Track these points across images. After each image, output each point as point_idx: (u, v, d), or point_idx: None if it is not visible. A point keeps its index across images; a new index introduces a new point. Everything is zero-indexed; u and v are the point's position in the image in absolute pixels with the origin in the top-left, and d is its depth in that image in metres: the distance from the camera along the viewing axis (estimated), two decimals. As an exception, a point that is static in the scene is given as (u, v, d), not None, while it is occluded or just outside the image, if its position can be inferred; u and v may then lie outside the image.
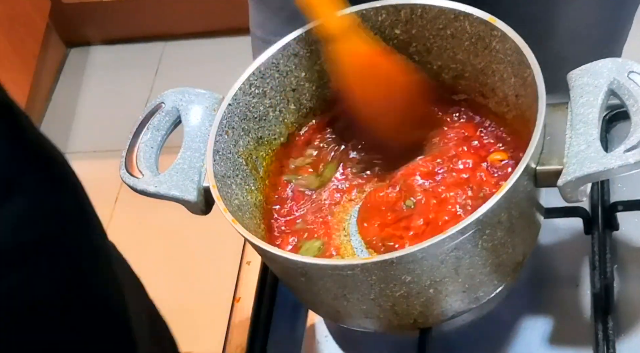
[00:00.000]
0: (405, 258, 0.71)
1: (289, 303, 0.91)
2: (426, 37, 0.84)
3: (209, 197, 0.80)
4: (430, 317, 0.78)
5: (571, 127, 0.75)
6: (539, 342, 0.83)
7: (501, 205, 0.72)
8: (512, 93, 0.81)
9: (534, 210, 0.79)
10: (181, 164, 0.82)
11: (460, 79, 0.85)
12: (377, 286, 0.73)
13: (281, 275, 0.84)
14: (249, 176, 0.84)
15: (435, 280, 0.74)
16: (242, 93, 0.83)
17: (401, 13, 0.83)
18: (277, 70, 0.85)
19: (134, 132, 0.84)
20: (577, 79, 0.76)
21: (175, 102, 0.85)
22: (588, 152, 0.72)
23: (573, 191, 0.73)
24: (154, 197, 0.81)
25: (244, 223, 0.78)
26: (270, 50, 0.84)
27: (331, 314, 0.82)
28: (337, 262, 0.75)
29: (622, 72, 0.75)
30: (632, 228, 0.87)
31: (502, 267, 0.78)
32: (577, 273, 0.85)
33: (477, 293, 0.78)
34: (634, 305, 0.83)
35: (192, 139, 0.83)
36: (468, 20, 0.81)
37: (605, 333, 0.80)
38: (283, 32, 0.85)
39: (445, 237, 0.70)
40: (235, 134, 0.83)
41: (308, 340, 0.90)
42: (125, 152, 0.83)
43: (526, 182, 0.74)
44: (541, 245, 0.86)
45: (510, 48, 0.78)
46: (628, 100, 0.74)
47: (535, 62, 0.76)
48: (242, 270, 0.95)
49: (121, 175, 0.82)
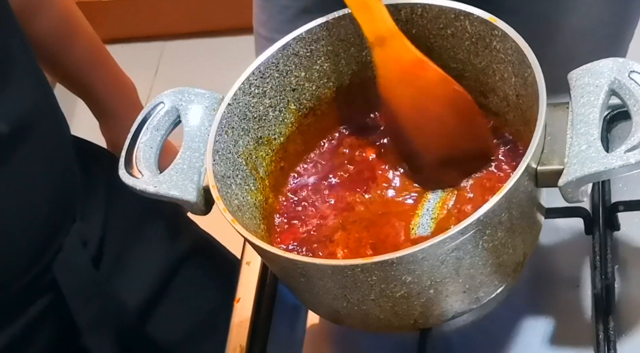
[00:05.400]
0: (406, 259, 0.71)
1: (289, 303, 0.91)
2: (426, 36, 0.84)
3: (209, 197, 0.80)
4: (431, 318, 0.78)
5: (572, 127, 0.75)
6: (540, 342, 0.82)
7: (502, 205, 0.72)
8: (512, 93, 0.80)
9: (534, 210, 0.79)
10: (181, 164, 0.81)
11: (460, 79, 0.85)
12: (377, 286, 0.73)
13: (281, 275, 0.83)
14: (249, 176, 0.84)
15: (436, 280, 0.74)
16: (242, 93, 0.83)
17: (401, 13, 0.83)
18: (277, 70, 0.85)
19: (133, 132, 0.83)
20: (578, 79, 0.76)
21: (175, 102, 0.84)
22: (589, 152, 0.72)
23: (574, 191, 0.73)
24: (153, 197, 0.81)
25: (244, 223, 0.78)
26: (270, 50, 0.84)
27: (331, 314, 0.82)
28: (337, 262, 0.75)
29: (623, 71, 0.75)
30: (633, 228, 0.87)
31: (503, 268, 0.78)
32: (578, 273, 0.85)
33: (477, 293, 0.78)
34: (635, 305, 0.82)
35: (191, 139, 0.83)
36: (468, 19, 0.81)
37: (606, 333, 0.80)
38: (287, 30, 0.85)
39: (446, 237, 0.70)
40: (235, 134, 0.83)
41: (308, 340, 0.90)
42: (124, 152, 0.83)
43: (527, 182, 0.74)
44: (542, 246, 0.86)
45: (511, 48, 0.78)
46: (629, 100, 0.74)
47: (535, 62, 0.76)
48: (242, 270, 0.95)
49: (120, 175, 0.82)
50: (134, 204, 1.08)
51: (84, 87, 1.18)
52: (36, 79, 1.00)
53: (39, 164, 0.97)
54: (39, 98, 0.99)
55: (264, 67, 0.84)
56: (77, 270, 1.00)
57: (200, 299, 1.14)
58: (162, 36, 2.47)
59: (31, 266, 0.96)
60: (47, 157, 0.98)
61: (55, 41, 1.12)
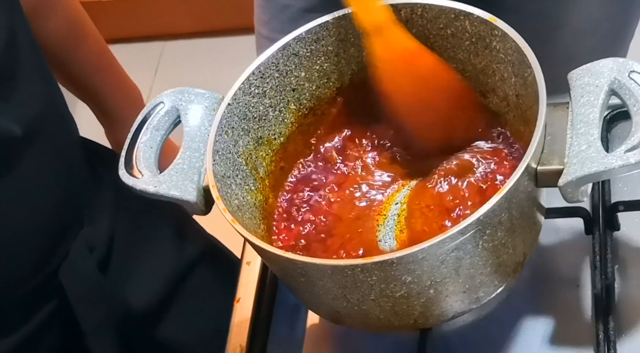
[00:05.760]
0: (406, 259, 0.71)
1: (289, 303, 0.91)
2: (426, 36, 0.84)
3: (209, 197, 0.80)
4: (431, 318, 0.78)
5: (572, 127, 0.75)
6: (540, 342, 0.82)
7: (502, 205, 0.72)
8: (512, 93, 0.80)
9: (534, 210, 0.79)
10: (181, 164, 0.81)
11: (460, 79, 0.85)
12: (377, 286, 0.73)
13: (281, 275, 0.83)
14: (249, 176, 0.84)
15: (436, 280, 0.74)
16: (241, 93, 0.83)
17: (401, 12, 0.83)
18: (277, 70, 0.85)
19: (133, 132, 0.83)
20: (577, 79, 0.76)
21: (175, 102, 0.84)
22: (589, 152, 0.72)
23: (574, 191, 0.73)
24: (153, 197, 0.81)
25: (244, 223, 0.78)
26: (270, 50, 0.84)
27: (331, 314, 0.82)
28: (337, 262, 0.75)
29: (623, 71, 0.75)
30: (633, 228, 0.87)
31: (503, 268, 0.78)
32: (578, 273, 0.85)
33: (477, 293, 0.78)
34: (635, 305, 0.82)
35: (191, 139, 0.83)
36: (468, 19, 0.81)
37: (606, 333, 0.80)
38: (288, 30, 0.84)
39: (446, 237, 0.70)
40: (235, 134, 0.83)
41: (308, 340, 0.90)
42: (124, 151, 0.83)
43: (527, 182, 0.74)
44: (542, 246, 0.86)
45: (511, 48, 0.78)
46: (629, 100, 0.74)
47: (535, 62, 0.76)
48: (242, 270, 0.95)
49: (120, 175, 0.82)
50: (142, 208, 1.07)
51: (90, 91, 1.17)
52: (46, 80, 1.00)
53: (47, 167, 0.96)
54: (48, 99, 0.99)
55: (264, 67, 0.84)
56: (84, 276, 1.00)
57: (207, 304, 1.14)
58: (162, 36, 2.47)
59: (37, 271, 0.96)
60: (55, 159, 0.98)
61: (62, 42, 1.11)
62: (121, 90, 1.19)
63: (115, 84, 1.19)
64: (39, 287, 0.96)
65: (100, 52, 1.18)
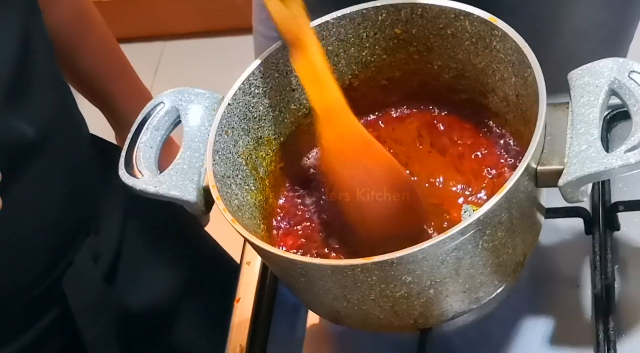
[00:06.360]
0: (406, 259, 0.71)
1: (289, 303, 0.91)
2: (426, 36, 0.84)
3: (209, 197, 0.80)
4: (431, 318, 0.78)
5: (572, 127, 0.75)
6: (540, 342, 0.82)
7: (502, 205, 0.72)
8: (512, 93, 0.80)
9: (534, 210, 0.79)
10: (181, 164, 0.81)
11: (460, 79, 0.85)
12: (377, 286, 0.73)
13: (281, 275, 0.83)
14: (249, 176, 0.84)
15: (436, 280, 0.74)
16: (242, 93, 0.83)
17: (401, 12, 0.83)
18: (277, 70, 0.85)
19: (133, 132, 0.83)
20: (577, 79, 0.76)
21: (175, 102, 0.84)
22: (589, 152, 0.72)
23: (574, 191, 0.73)
24: (153, 197, 0.81)
25: (244, 223, 0.78)
26: (270, 49, 0.84)
27: (331, 314, 0.82)
28: (337, 262, 0.75)
29: (623, 71, 0.75)
30: (633, 228, 0.87)
31: (503, 268, 0.78)
32: (578, 273, 0.85)
33: (477, 293, 0.78)
34: (635, 305, 0.82)
35: (191, 139, 0.83)
36: (468, 19, 0.81)
37: (606, 333, 0.80)
38: None
39: (446, 237, 0.70)
40: (235, 134, 0.83)
41: (308, 340, 0.90)
42: (124, 151, 0.83)
43: (527, 182, 0.74)
44: (542, 246, 0.86)
45: (511, 47, 0.78)
46: (629, 100, 0.74)
47: (535, 62, 0.76)
48: (242, 271, 0.95)
49: (120, 175, 0.82)
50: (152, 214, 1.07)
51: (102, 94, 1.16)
52: (57, 82, 0.99)
53: (56, 174, 0.95)
54: (60, 101, 0.98)
55: (264, 67, 0.84)
56: (87, 285, 0.99)
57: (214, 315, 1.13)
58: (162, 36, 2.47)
59: (41, 279, 0.95)
60: (64, 165, 0.96)
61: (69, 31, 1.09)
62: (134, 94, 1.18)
63: (129, 87, 1.17)
64: (41, 295, 0.96)
65: (107, 40, 1.16)
